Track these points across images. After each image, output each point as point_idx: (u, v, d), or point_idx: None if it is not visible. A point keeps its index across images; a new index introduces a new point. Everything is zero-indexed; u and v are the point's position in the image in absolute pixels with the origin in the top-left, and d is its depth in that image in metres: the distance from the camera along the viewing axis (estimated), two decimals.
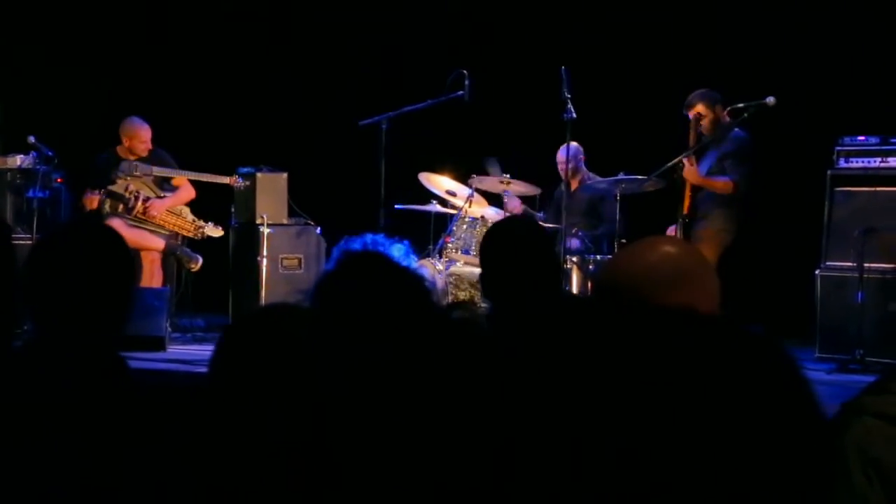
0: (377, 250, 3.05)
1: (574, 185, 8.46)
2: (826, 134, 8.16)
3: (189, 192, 8.69)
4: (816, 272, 7.89)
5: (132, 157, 8.52)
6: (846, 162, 8.01)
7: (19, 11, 10.29)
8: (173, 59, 10.45)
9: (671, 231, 7.64)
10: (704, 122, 7.55)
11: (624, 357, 0.85)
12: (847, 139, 8.03)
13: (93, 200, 8.37)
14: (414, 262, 7.34)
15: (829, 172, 8.01)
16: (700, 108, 7.55)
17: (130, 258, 2.58)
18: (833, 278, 7.83)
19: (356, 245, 4.28)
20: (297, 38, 10.46)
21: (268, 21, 10.51)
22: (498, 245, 3.70)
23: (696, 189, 7.51)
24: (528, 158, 8.81)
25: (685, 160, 7.51)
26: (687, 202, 7.58)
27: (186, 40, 10.45)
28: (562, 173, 8.64)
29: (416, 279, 1.93)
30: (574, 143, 8.26)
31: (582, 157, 8.53)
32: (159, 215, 8.49)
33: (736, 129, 7.57)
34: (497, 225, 4.21)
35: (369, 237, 6.56)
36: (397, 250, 6.30)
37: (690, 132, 7.49)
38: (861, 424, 2.03)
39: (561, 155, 8.49)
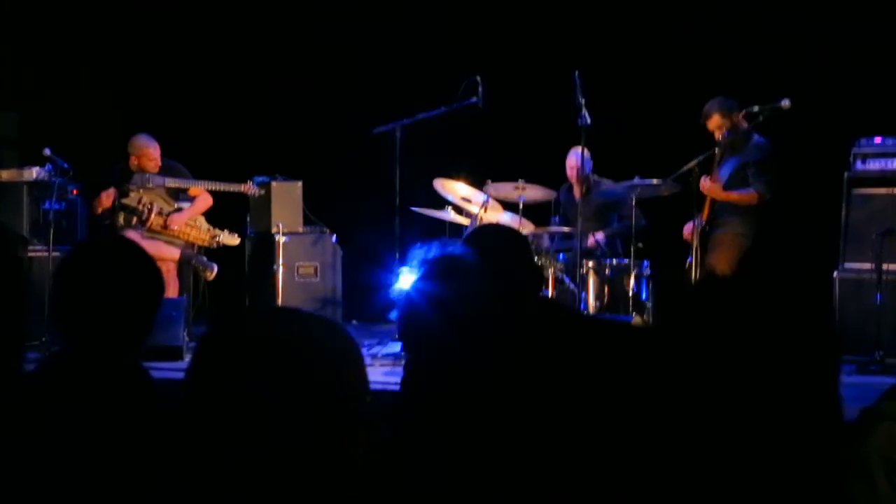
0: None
1: (582, 189, 8.46)
2: (842, 136, 8.13)
3: (206, 201, 8.67)
4: (834, 275, 7.86)
5: (143, 172, 8.51)
6: (863, 164, 7.97)
7: (33, 26, 10.32)
8: (186, 70, 10.47)
9: (688, 229, 7.60)
10: (722, 132, 7.51)
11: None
12: (863, 141, 7.99)
13: (108, 198, 8.34)
14: None
15: (845, 175, 7.97)
16: (716, 118, 7.51)
17: (157, 271, 2.59)
18: (851, 280, 7.79)
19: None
20: (311, 47, 10.46)
21: (281, 30, 10.52)
22: (476, 251, 3.69)
23: None
24: (543, 164, 8.80)
25: (703, 177, 7.49)
26: (707, 210, 7.56)
27: (199, 50, 10.47)
28: (571, 179, 8.66)
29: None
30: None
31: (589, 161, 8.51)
32: (179, 228, 8.48)
33: (756, 136, 7.52)
34: (472, 232, 4.21)
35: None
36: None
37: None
38: (883, 430, 2.02)
39: (573, 159, 8.54)
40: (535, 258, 7.22)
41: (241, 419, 1.51)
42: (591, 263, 8.04)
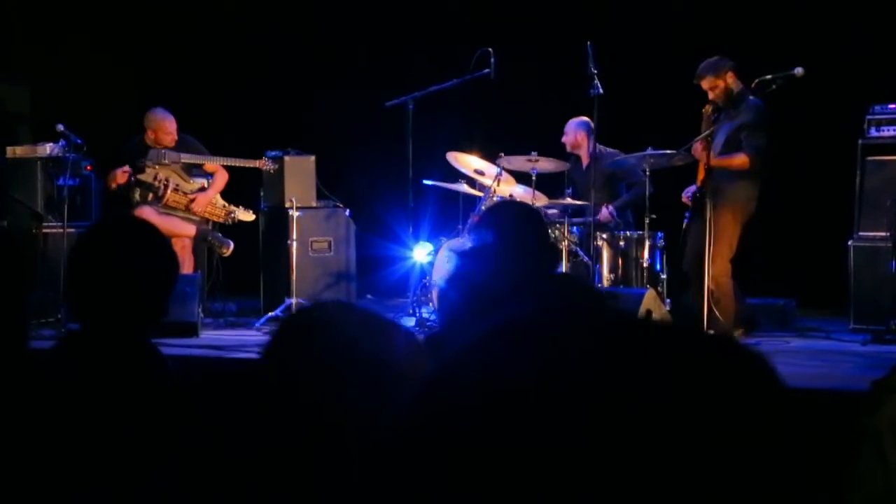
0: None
1: (587, 160, 8.51)
2: (856, 103, 8.09)
3: (224, 177, 8.68)
4: (849, 243, 7.84)
5: (159, 145, 8.51)
6: (877, 131, 7.94)
7: (45, 1, 10.33)
8: (199, 44, 10.46)
9: (687, 193, 7.56)
10: (716, 93, 7.45)
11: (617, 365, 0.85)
12: (878, 108, 7.95)
13: (123, 175, 8.35)
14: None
15: (860, 142, 7.94)
16: (709, 78, 7.45)
17: (172, 252, 2.60)
18: (866, 248, 7.77)
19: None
20: (321, 21, 10.44)
21: (293, 3, 10.50)
22: (489, 229, 3.71)
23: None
24: (556, 135, 8.78)
25: (697, 144, 7.42)
26: (701, 174, 7.50)
27: (212, 25, 10.46)
28: (567, 144, 8.70)
29: None
30: (583, 118, 8.37)
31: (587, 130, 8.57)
32: (202, 209, 8.50)
33: (751, 98, 7.42)
34: (487, 210, 4.22)
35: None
36: None
37: (702, 123, 7.42)
38: (894, 402, 2.01)
39: (568, 127, 8.60)
40: (550, 231, 7.21)
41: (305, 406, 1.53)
42: (604, 236, 8.03)
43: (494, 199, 7.90)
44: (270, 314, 8.20)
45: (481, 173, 8.23)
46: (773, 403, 0.81)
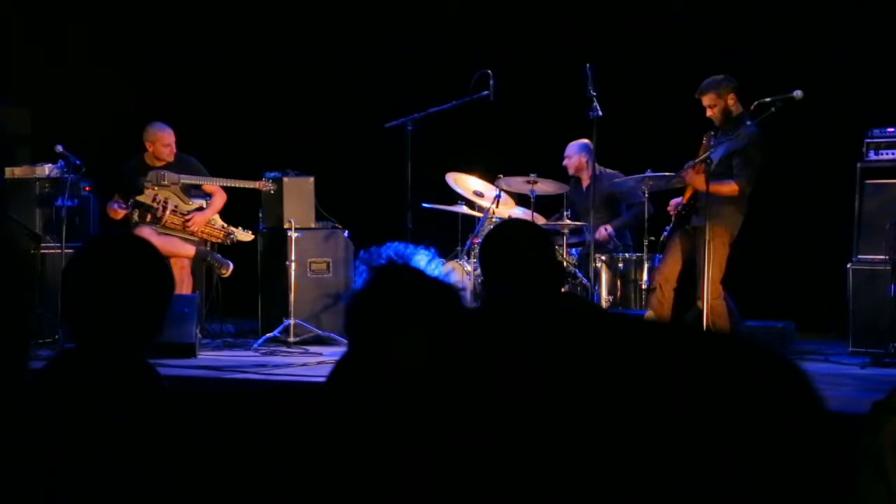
0: (403, 262, 3.06)
1: (586, 181, 8.54)
2: (855, 126, 8.10)
3: (223, 198, 8.69)
4: (848, 266, 7.83)
5: (158, 163, 8.52)
6: (876, 154, 7.94)
7: (46, 22, 10.34)
8: (199, 66, 10.48)
9: (673, 205, 7.59)
10: (714, 111, 7.46)
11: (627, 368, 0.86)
12: (876, 131, 7.96)
13: (118, 213, 8.40)
14: (440, 269, 7.36)
15: (858, 165, 7.94)
16: (710, 96, 7.45)
17: (168, 269, 2.58)
18: (865, 271, 7.77)
19: (381, 256, 4.30)
20: (322, 41, 10.46)
21: (293, 25, 10.52)
22: (496, 249, 3.69)
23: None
24: (555, 157, 8.79)
25: (687, 169, 7.42)
26: (688, 193, 7.50)
27: (212, 46, 10.48)
28: (569, 168, 8.71)
29: (444, 289, 1.92)
30: (584, 140, 8.38)
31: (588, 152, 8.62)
32: (199, 229, 8.51)
33: (748, 123, 7.41)
34: (494, 229, 4.20)
35: (393, 247, 6.59)
36: (423, 257, 6.30)
37: (701, 147, 7.44)
38: (895, 423, 2.01)
39: (568, 153, 8.60)
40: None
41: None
42: (603, 257, 8.04)
43: (493, 220, 7.91)
44: (268, 335, 8.19)
45: (480, 195, 8.24)
46: (788, 401, 0.80)
